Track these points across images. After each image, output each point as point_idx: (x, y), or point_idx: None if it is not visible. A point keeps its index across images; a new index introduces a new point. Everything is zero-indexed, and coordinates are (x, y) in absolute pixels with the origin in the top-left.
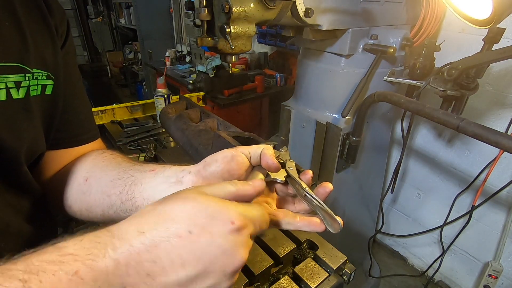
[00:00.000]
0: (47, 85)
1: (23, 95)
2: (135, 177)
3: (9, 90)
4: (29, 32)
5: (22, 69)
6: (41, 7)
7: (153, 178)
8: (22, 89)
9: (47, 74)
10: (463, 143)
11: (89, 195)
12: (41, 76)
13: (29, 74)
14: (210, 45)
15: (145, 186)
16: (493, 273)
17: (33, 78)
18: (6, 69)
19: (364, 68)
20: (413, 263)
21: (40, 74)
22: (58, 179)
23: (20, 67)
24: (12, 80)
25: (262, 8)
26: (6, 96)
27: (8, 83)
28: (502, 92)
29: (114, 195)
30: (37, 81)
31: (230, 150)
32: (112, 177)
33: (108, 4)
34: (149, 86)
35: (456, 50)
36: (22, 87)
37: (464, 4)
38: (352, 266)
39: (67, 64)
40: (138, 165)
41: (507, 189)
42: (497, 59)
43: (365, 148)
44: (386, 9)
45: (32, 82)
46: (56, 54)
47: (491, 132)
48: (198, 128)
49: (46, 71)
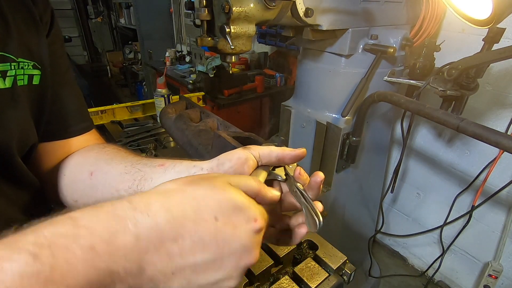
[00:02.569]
0: (34, 75)
1: (10, 84)
2: (144, 172)
3: None
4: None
5: (6, 57)
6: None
7: (163, 174)
8: (8, 79)
9: (33, 63)
10: (463, 143)
11: (96, 190)
12: (27, 65)
13: (15, 63)
14: (210, 45)
15: (155, 182)
16: (493, 273)
17: (19, 67)
18: None
19: (364, 68)
20: (413, 263)
21: (26, 63)
22: (58, 172)
23: (4, 56)
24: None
25: (262, 8)
26: None
27: None
28: (502, 92)
29: (123, 190)
30: (23, 70)
31: (243, 152)
32: (119, 171)
33: (108, 4)
34: (149, 86)
35: (456, 50)
36: (8, 77)
37: (464, 4)
38: (352, 266)
39: (54, 53)
40: (145, 160)
41: (507, 189)
42: (497, 59)
43: (365, 148)
44: (386, 9)
45: (18, 72)
46: (42, 44)
47: (491, 132)
48: (198, 128)
49: (32, 61)
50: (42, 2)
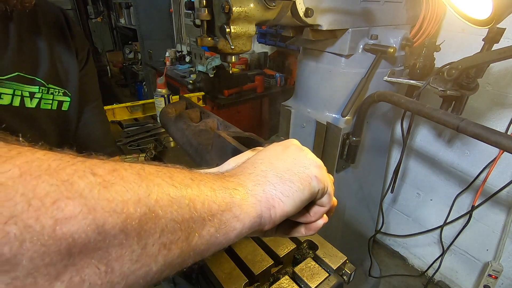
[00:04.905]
0: (63, 102)
1: (35, 105)
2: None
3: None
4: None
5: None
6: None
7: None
8: (34, 100)
9: (63, 91)
10: (463, 143)
11: None
12: (58, 92)
13: (44, 88)
14: (210, 45)
15: None
16: (493, 273)
17: (48, 92)
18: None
19: (364, 68)
20: (413, 263)
21: (57, 90)
22: None
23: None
24: (27, 90)
25: (262, 8)
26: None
27: (23, 92)
28: (502, 92)
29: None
30: (52, 96)
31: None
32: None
33: (108, 4)
34: (149, 86)
35: (456, 50)
36: (35, 98)
37: (464, 4)
38: (352, 266)
39: (85, 84)
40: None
41: (507, 189)
42: (497, 59)
43: (365, 148)
44: (386, 9)
45: (47, 96)
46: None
47: (491, 132)
48: (198, 128)
49: (62, 88)
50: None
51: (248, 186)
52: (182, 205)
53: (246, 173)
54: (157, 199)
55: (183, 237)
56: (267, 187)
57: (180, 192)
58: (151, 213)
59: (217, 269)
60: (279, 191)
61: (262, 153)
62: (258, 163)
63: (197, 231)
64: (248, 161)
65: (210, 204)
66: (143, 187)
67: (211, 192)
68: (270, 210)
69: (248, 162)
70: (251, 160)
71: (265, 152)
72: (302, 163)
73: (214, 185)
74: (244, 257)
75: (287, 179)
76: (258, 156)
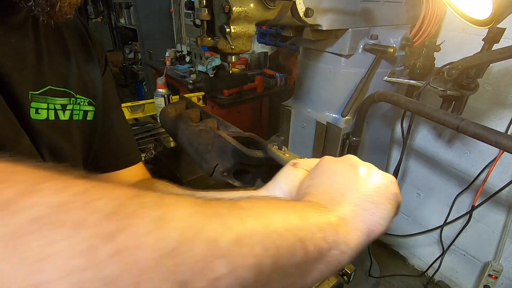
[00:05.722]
0: (88, 111)
1: (68, 117)
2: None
3: (57, 112)
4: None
5: (68, 93)
6: (86, 41)
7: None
8: (67, 112)
9: (88, 100)
10: (463, 143)
11: None
12: (83, 102)
13: (73, 98)
14: (210, 45)
15: None
16: (493, 273)
17: (76, 103)
18: (56, 92)
19: (364, 68)
20: (413, 263)
21: (83, 100)
22: None
23: (66, 92)
24: (59, 102)
25: (262, 8)
26: (54, 116)
27: (56, 105)
28: (502, 92)
29: None
30: (79, 106)
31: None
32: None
33: (108, 4)
34: (149, 86)
35: (456, 50)
36: (67, 110)
37: (464, 4)
38: (352, 266)
39: (106, 91)
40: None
41: (507, 189)
42: (497, 59)
43: (365, 148)
44: (386, 9)
45: (75, 107)
46: (98, 82)
47: (491, 132)
48: (198, 128)
49: (87, 98)
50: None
51: (349, 220)
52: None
53: (337, 202)
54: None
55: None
56: (366, 217)
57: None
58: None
59: None
60: (377, 216)
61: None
62: (343, 189)
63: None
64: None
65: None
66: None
67: (318, 233)
68: (369, 237)
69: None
70: (328, 185)
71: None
72: (383, 183)
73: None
74: None
75: (379, 202)
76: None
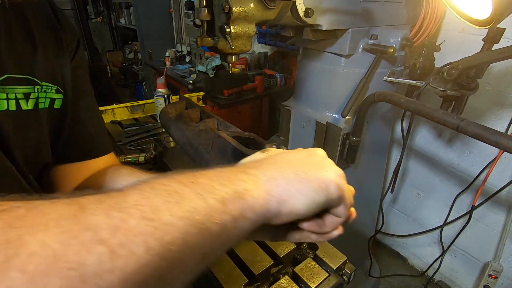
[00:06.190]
0: (56, 99)
1: (32, 106)
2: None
3: (18, 101)
4: (41, 46)
5: (31, 81)
6: (54, 24)
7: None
8: (31, 101)
9: (56, 88)
10: (463, 143)
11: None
12: (50, 89)
13: (38, 86)
14: (210, 45)
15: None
16: (493, 273)
17: (41, 90)
18: (17, 80)
19: (364, 68)
20: (413, 263)
21: (49, 87)
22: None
23: (30, 79)
24: (21, 91)
25: (262, 8)
26: (15, 106)
27: (17, 94)
28: (502, 92)
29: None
30: (45, 93)
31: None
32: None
33: (108, 4)
34: (149, 86)
35: (456, 50)
36: (31, 99)
37: (464, 4)
38: (352, 266)
39: (77, 77)
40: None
41: (507, 189)
42: (497, 59)
43: (365, 148)
44: (386, 9)
45: (41, 95)
46: (66, 69)
47: (491, 132)
48: (198, 128)
49: (55, 85)
50: (70, 30)
51: (261, 184)
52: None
53: (262, 167)
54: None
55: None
56: (282, 184)
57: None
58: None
59: (217, 269)
60: (295, 189)
61: (284, 153)
62: (279, 161)
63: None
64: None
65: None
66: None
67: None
68: (280, 205)
69: (268, 158)
70: (271, 157)
71: (288, 154)
72: (324, 168)
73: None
74: (244, 257)
75: (304, 177)
76: (280, 156)
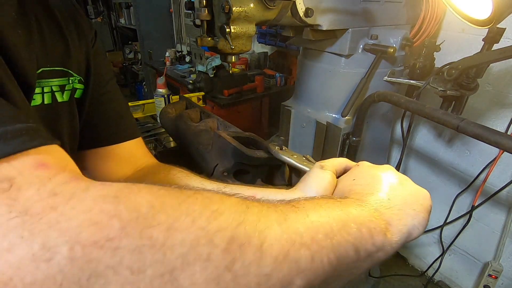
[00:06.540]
0: (77, 89)
1: (67, 98)
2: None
3: (54, 94)
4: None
5: (66, 73)
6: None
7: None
8: (66, 92)
9: (79, 78)
10: (463, 143)
11: None
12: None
13: (72, 77)
14: (210, 45)
15: None
16: (493, 273)
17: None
18: (51, 73)
19: (364, 68)
20: (413, 263)
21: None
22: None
23: (64, 71)
24: (56, 83)
25: (262, 8)
26: (51, 99)
27: (53, 86)
28: (502, 92)
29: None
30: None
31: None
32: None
33: (108, 4)
34: (149, 86)
35: (456, 50)
36: (66, 90)
37: (464, 4)
38: None
39: (98, 64)
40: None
41: (507, 189)
42: (497, 59)
43: (365, 148)
44: (386, 9)
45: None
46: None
47: (491, 132)
48: (198, 128)
49: (79, 76)
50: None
51: (395, 224)
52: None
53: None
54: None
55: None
56: (408, 221)
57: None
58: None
59: None
60: (416, 222)
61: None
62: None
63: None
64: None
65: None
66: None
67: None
68: (408, 239)
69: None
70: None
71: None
72: (421, 195)
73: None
74: None
75: (418, 210)
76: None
